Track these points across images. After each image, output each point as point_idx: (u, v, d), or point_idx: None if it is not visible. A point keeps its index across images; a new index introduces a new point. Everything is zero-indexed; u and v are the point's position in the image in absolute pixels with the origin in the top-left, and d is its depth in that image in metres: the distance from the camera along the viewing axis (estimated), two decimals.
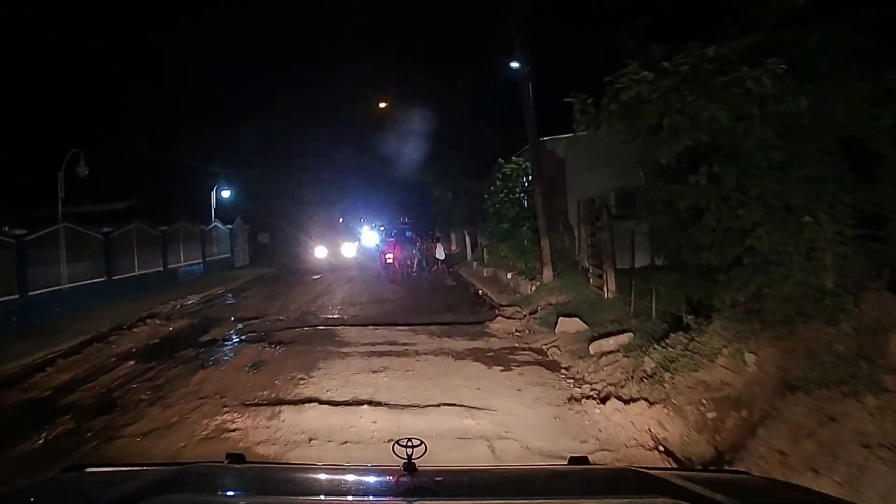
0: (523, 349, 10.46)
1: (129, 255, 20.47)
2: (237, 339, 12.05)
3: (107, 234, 18.41)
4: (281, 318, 14.60)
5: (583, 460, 2.55)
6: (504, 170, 16.82)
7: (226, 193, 32.95)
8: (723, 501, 1.76)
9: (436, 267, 24.14)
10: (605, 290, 12.57)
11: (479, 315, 13.95)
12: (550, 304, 13.33)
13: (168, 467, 2.29)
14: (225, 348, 11.30)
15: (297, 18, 41.14)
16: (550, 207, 14.94)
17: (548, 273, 14.36)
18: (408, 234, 27.75)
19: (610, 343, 9.29)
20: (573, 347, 9.96)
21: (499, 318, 12.93)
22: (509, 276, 18.04)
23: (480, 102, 21.41)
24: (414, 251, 21.73)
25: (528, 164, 16.44)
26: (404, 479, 1.98)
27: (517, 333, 11.73)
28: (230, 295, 20.71)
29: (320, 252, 32.05)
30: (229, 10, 34.19)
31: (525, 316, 12.95)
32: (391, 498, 2.00)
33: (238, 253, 34.66)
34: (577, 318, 11.08)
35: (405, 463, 2.04)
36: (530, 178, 16.31)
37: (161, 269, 23.24)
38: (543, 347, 10.41)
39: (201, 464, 2.66)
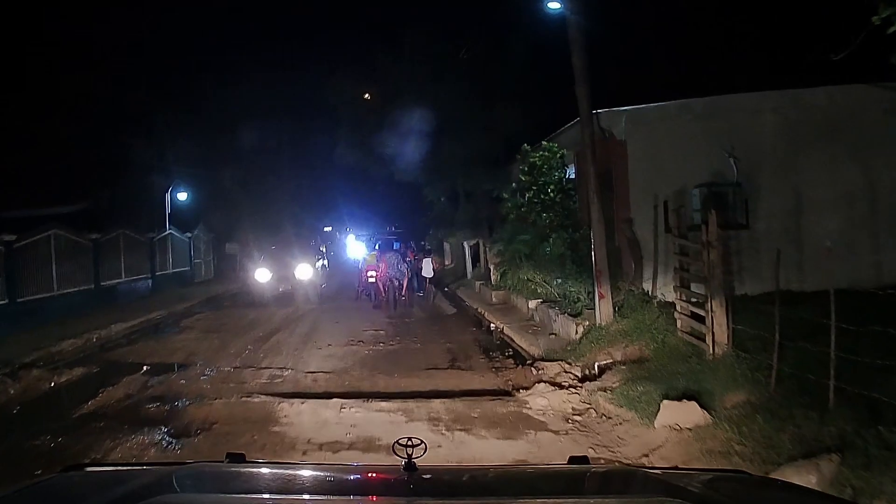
0: (604, 464, 5.73)
1: (44, 270, 16.13)
2: (123, 422, 7.30)
3: (8, 243, 14.17)
4: (210, 370, 9.93)
5: (583, 460, 2.52)
6: (532, 159, 12.10)
7: (182, 196, 28.17)
8: (723, 501, 1.77)
9: (426, 286, 19.39)
10: (710, 340, 7.95)
11: (504, 374, 9.25)
12: (617, 362, 8.68)
13: (168, 467, 2.21)
14: (92, 441, 6.54)
15: None
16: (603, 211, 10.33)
17: (606, 309, 9.68)
18: (396, 245, 22.66)
19: (801, 471, 4.62)
20: (703, 465, 5.26)
21: (540, 384, 8.22)
22: (533, 305, 13.39)
23: (491, 76, 16.75)
24: (403, 268, 16.94)
25: (565, 150, 11.85)
26: (405, 478, 1.93)
27: (578, 420, 7.04)
28: (168, 323, 16.11)
29: (262, 275, 20.62)
30: None
31: (581, 382, 8.28)
32: (392, 497, 1.92)
33: (199, 266, 30.19)
34: (692, 402, 6.42)
35: (405, 462, 1.97)
36: (573, 169, 11.72)
37: (91, 286, 18.79)
38: (643, 460, 5.74)
39: (201, 463, 2.59)
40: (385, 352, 11.01)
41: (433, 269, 19.42)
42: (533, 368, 9.11)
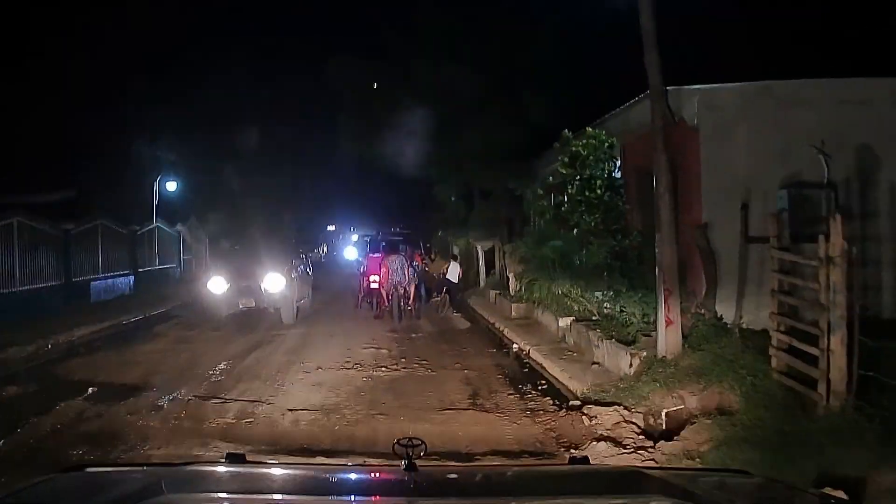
0: None
1: (4, 262, 14.30)
2: (31, 470, 5.15)
3: None
4: (166, 398, 7.89)
5: (583, 460, 2.56)
6: (574, 147, 9.92)
7: (171, 186, 26.09)
8: (723, 501, 1.77)
9: (436, 298, 17.21)
10: (825, 388, 5.90)
11: (542, 419, 7.08)
12: (694, 412, 6.57)
13: (168, 467, 2.24)
14: None
15: None
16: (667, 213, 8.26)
17: (673, 338, 7.55)
18: (402, 248, 20.23)
19: None
20: None
21: (597, 443, 6.07)
22: (564, 323, 11.29)
23: (514, 55, 14.54)
24: (409, 272, 14.81)
25: (614, 140, 9.71)
26: (405, 478, 1.92)
27: None
28: (140, 328, 14.25)
29: (216, 285, 14.37)
30: None
31: (651, 441, 6.15)
32: (392, 497, 1.92)
33: (191, 263, 28.13)
34: (839, 492, 4.28)
35: (406, 462, 1.97)
36: (618, 163, 9.61)
37: (62, 282, 16.95)
38: None
39: (201, 463, 2.70)
40: (388, 380, 8.88)
41: (458, 276, 17.31)
42: (583, 415, 6.94)
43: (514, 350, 11.33)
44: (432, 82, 15.48)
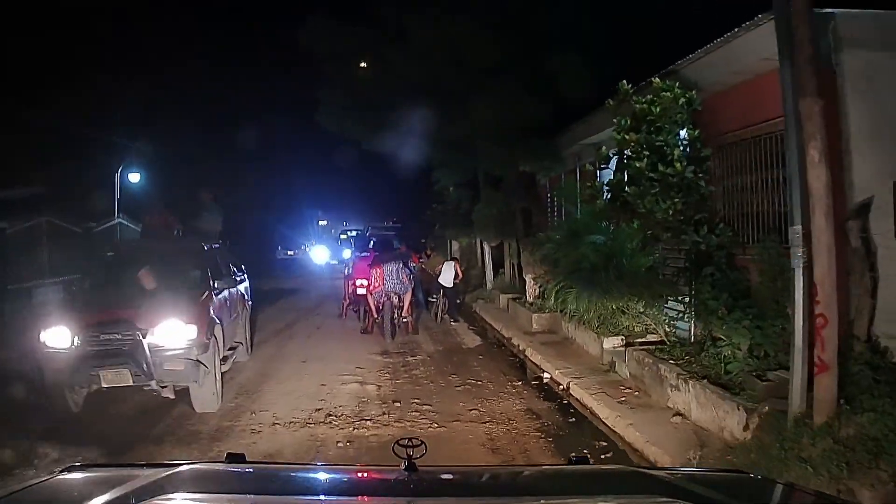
0: None
1: None
2: None
3: None
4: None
5: (583, 460, 2.48)
6: (638, 105, 6.89)
7: (134, 178, 23.18)
8: (723, 501, 1.72)
9: (433, 299, 14.34)
10: None
11: None
12: None
13: (168, 467, 2.03)
14: None
15: None
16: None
17: (825, 390, 4.72)
18: (396, 245, 17.01)
19: None
20: None
21: None
22: (611, 345, 8.52)
23: (535, 5, 11.55)
24: (404, 277, 11.90)
25: (693, 94, 6.80)
26: (405, 478, 1.90)
27: None
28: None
29: (56, 338, 6.59)
30: None
31: None
32: (392, 497, 1.87)
33: None
34: None
35: (406, 462, 1.94)
36: (690, 132, 6.66)
37: None
38: None
39: (202, 463, 2.52)
40: (375, 445, 5.99)
41: (454, 279, 14.16)
42: None
43: (546, 382, 8.50)
44: (430, 43, 12.54)
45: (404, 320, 11.98)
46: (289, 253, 42.92)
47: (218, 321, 7.62)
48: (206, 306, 7.40)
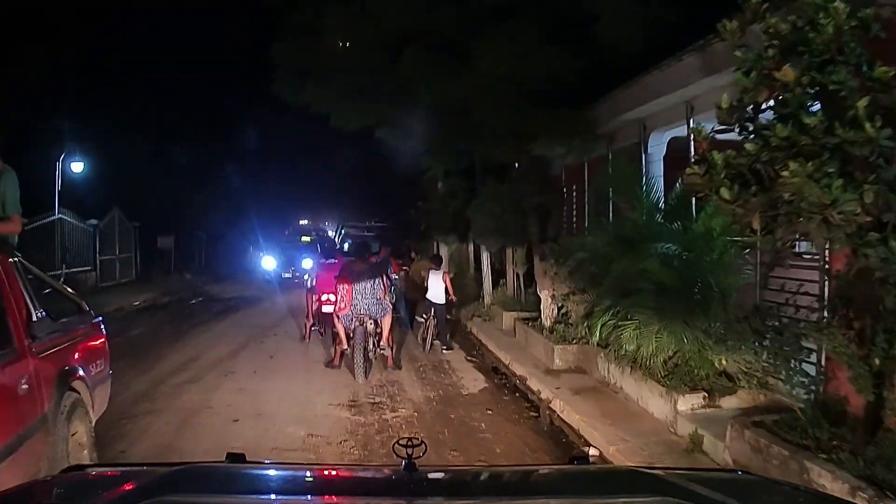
0: None
1: None
2: None
3: None
4: None
5: (583, 460, 2.49)
6: (783, 25, 3.83)
7: (77, 167, 20.01)
8: (722, 501, 1.68)
9: (421, 319, 11.24)
10: None
11: None
12: None
13: (168, 467, 2.04)
14: None
15: None
16: None
17: None
18: (374, 250, 13.32)
19: None
20: None
21: None
22: (687, 406, 5.62)
23: None
24: (382, 294, 8.78)
25: (869, 12, 3.99)
26: (405, 478, 1.84)
27: None
28: None
29: None
30: None
31: None
32: (392, 497, 1.83)
33: (111, 265, 22.91)
34: None
35: (406, 462, 1.88)
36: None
37: None
38: None
39: (202, 463, 2.42)
40: None
41: (444, 293, 11.08)
42: None
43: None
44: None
45: (382, 352, 8.96)
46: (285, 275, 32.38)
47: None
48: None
